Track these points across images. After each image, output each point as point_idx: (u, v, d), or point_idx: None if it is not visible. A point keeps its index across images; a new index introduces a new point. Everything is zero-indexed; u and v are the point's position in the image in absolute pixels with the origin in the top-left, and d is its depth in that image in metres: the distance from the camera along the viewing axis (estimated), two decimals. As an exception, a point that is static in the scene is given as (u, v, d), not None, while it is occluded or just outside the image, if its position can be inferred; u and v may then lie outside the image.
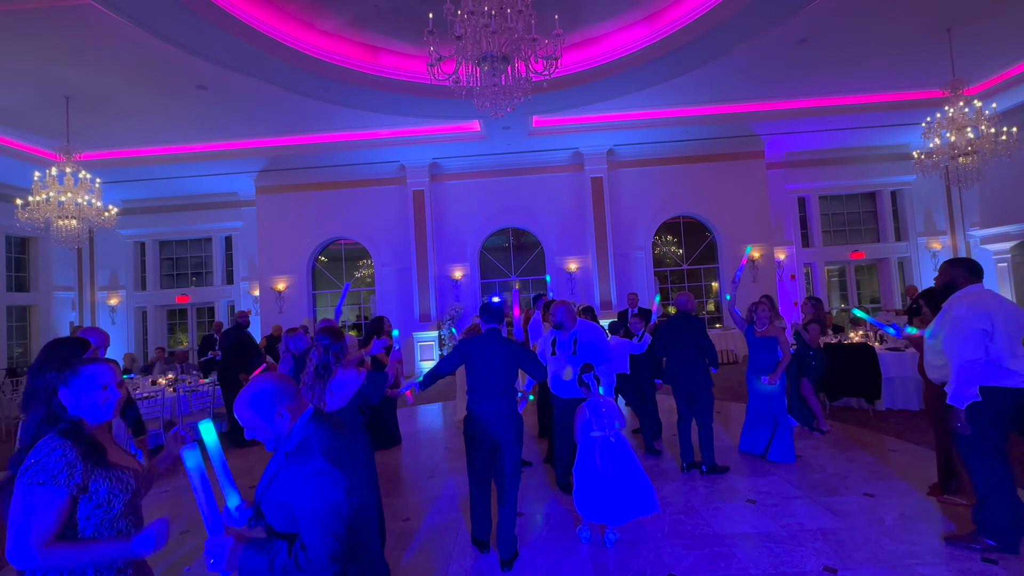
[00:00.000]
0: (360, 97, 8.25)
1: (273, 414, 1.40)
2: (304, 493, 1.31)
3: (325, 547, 1.29)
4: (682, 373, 4.44)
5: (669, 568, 2.85)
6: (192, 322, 13.78)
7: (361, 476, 1.54)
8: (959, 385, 2.76)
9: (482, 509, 3.11)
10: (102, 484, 1.36)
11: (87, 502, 1.35)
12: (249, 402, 1.40)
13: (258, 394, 1.40)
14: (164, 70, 7.28)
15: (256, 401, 1.40)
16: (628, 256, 11.80)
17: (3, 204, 10.68)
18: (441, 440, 5.98)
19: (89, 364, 1.45)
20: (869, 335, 6.88)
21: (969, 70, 8.62)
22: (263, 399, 1.40)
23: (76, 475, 1.31)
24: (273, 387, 1.42)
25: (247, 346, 6.42)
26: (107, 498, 1.37)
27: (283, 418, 1.41)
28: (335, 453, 1.38)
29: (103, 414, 1.44)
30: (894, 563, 2.77)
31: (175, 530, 3.83)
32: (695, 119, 10.20)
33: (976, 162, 7.72)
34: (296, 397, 1.46)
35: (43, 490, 1.27)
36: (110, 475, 1.38)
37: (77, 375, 1.42)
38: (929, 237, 12.65)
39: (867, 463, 4.36)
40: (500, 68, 4.96)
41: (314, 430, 1.44)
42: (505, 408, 3.00)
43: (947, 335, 2.84)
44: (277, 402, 1.41)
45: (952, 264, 3.02)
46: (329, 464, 1.35)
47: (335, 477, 1.33)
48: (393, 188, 12.01)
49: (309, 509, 1.30)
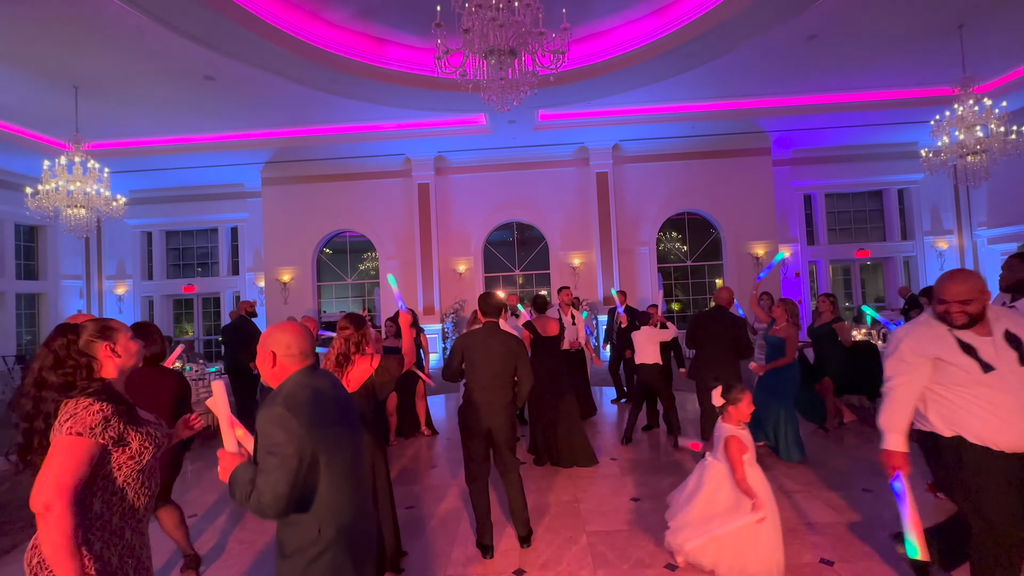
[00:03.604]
0: (366, 89, 8.26)
1: (272, 355, 1.56)
2: (260, 433, 1.42)
3: (268, 488, 1.37)
4: (713, 370, 4.22)
5: (668, 557, 2.89)
6: (198, 312, 13.89)
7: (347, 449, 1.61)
8: None
9: (483, 508, 3.05)
10: (134, 437, 1.46)
11: (121, 453, 1.44)
12: (265, 336, 1.58)
13: (273, 333, 1.58)
14: (171, 60, 7.31)
15: (268, 338, 1.58)
16: (632, 252, 11.81)
17: (13, 193, 10.79)
18: (444, 431, 6.04)
19: (112, 325, 1.59)
20: (872, 333, 6.88)
21: (980, 68, 8.54)
22: (271, 339, 1.57)
23: (109, 429, 1.40)
24: (285, 335, 1.57)
25: (252, 336, 6.49)
26: (138, 451, 1.46)
27: (275, 364, 1.55)
28: (299, 405, 1.45)
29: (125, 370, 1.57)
30: (891, 557, 2.81)
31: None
32: (702, 115, 10.16)
33: (985, 161, 7.68)
34: (303, 356, 1.57)
35: (81, 441, 1.36)
36: (141, 430, 1.48)
37: (107, 336, 1.55)
38: (936, 236, 12.57)
39: (866, 460, 4.39)
40: (507, 62, 4.97)
41: (294, 383, 1.53)
42: (501, 398, 3.08)
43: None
44: (277, 346, 1.55)
45: (1021, 259, 2.82)
46: (285, 410, 1.42)
47: (287, 424, 1.40)
48: (398, 181, 12.04)
49: (260, 448, 1.42)
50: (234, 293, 13.56)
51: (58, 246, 12.47)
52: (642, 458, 4.72)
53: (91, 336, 1.51)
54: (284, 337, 1.57)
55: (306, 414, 1.45)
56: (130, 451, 1.45)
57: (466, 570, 2.88)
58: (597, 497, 3.84)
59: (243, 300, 7.86)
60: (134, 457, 1.45)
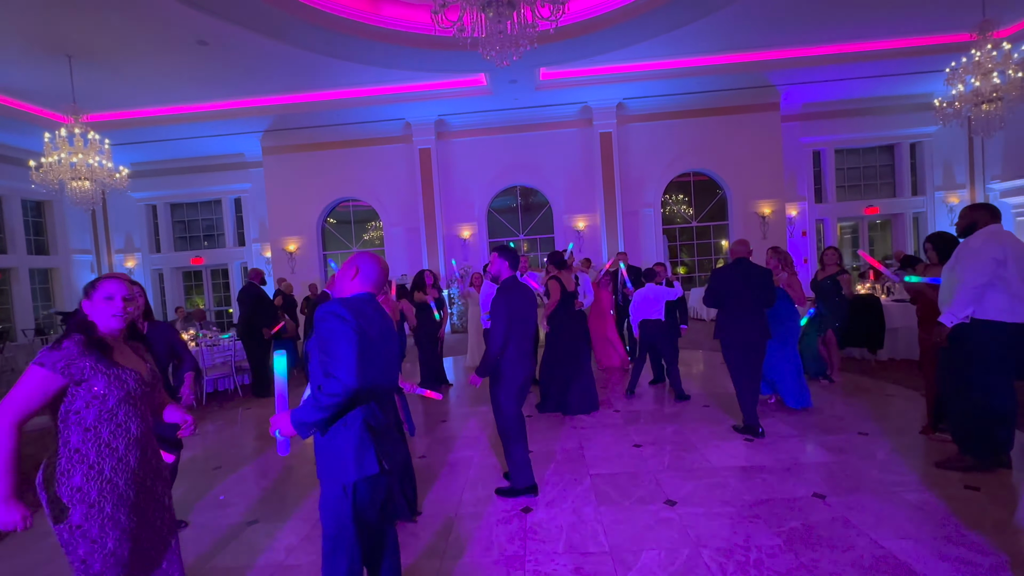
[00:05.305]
0: (363, 50, 8.08)
1: (352, 267, 1.90)
2: (322, 327, 1.69)
3: (338, 367, 1.63)
4: (740, 329, 3.93)
5: (668, 495, 3.05)
6: (207, 283, 14.09)
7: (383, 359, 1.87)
8: (957, 305, 2.94)
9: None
10: (100, 379, 1.58)
11: (86, 392, 1.57)
12: (361, 255, 1.93)
13: (368, 255, 1.93)
14: (162, 24, 7.15)
15: (364, 255, 1.93)
16: (637, 214, 11.72)
17: (16, 168, 10.80)
18: (453, 388, 6.23)
19: (104, 279, 1.73)
20: (876, 287, 6.90)
21: (1000, 10, 8.15)
22: (362, 257, 1.92)
23: (72, 367, 1.55)
24: (375, 263, 1.92)
25: (265, 303, 6.63)
26: (103, 392, 1.59)
27: (351, 277, 1.89)
28: (352, 306, 1.73)
29: (112, 321, 1.69)
30: (881, 491, 2.94)
31: (209, 466, 4.13)
32: (708, 69, 9.85)
33: (1000, 109, 7.44)
34: (372, 282, 1.90)
35: (39, 370, 1.52)
36: (109, 372, 1.60)
37: (94, 288, 1.70)
38: (947, 191, 12.34)
39: (864, 407, 4.51)
40: (505, 14, 4.84)
41: (352, 297, 1.83)
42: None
43: (960, 263, 3.01)
44: (362, 267, 1.89)
45: (973, 208, 3.17)
46: (341, 308, 1.69)
47: (343, 316, 1.67)
48: (400, 147, 11.90)
49: (323, 339, 1.68)
50: (241, 264, 13.70)
51: (66, 221, 12.57)
52: (645, 409, 4.87)
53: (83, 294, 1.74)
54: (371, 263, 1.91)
55: (357, 314, 1.75)
56: (94, 391, 1.58)
57: (477, 510, 3.05)
58: (601, 444, 4.00)
59: (252, 268, 7.96)
60: (98, 397, 1.58)
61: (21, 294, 11.66)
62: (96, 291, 1.69)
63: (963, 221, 3.17)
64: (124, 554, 1.60)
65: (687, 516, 2.78)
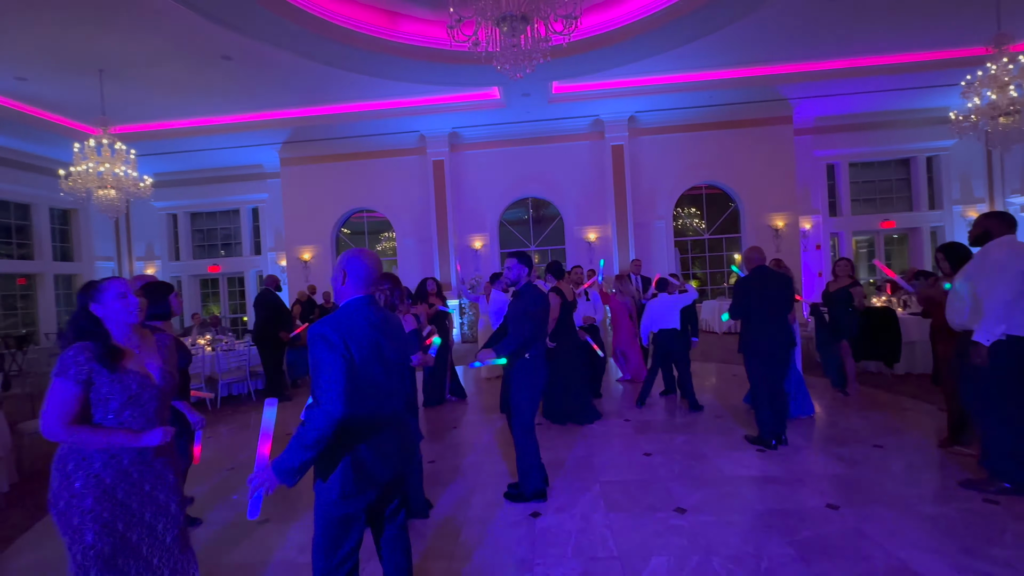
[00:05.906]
0: (379, 64, 8.29)
1: (340, 272, 1.76)
2: (311, 351, 1.63)
3: (323, 395, 1.56)
4: (765, 341, 3.88)
5: (678, 503, 3.02)
6: (224, 291, 14.36)
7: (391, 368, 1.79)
8: (990, 322, 2.84)
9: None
10: (104, 383, 1.65)
11: (95, 394, 1.65)
12: (346, 255, 1.78)
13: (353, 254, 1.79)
14: (189, 40, 7.44)
15: (349, 255, 1.78)
16: (648, 226, 11.73)
17: (46, 178, 11.21)
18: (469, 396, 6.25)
19: (106, 280, 1.77)
20: (893, 300, 6.80)
21: (1016, 24, 8.12)
22: (347, 257, 1.78)
23: (82, 372, 1.62)
24: (362, 260, 1.77)
25: (280, 309, 6.75)
26: (106, 395, 1.65)
27: (340, 282, 1.76)
28: (340, 324, 1.64)
29: (129, 317, 1.74)
30: (897, 503, 2.88)
31: (224, 467, 4.19)
32: (720, 83, 9.91)
33: (1018, 122, 7.36)
34: (364, 282, 1.76)
35: (58, 381, 1.61)
36: (113, 377, 1.66)
37: (102, 291, 1.73)
38: (965, 205, 12.15)
39: (880, 420, 4.43)
40: (519, 28, 4.96)
41: (343, 307, 1.74)
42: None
43: (986, 278, 2.92)
44: (348, 268, 1.75)
45: (987, 216, 3.13)
46: (329, 329, 1.61)
47: (329, 339, 1.59)
48: (413, 159, 12.11)
49: (312, 362, 1.62)
50: (257, 272, 13.96)
51: (90, 229, 12.97)
52: (656, 419, 4.84)
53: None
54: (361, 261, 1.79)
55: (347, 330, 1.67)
56: (99, 394, 1.65)
57: (486, 514, 3.06)
58: (611, 453, 3.99)
59: (268, 275, 8.12)
60: (103, 399, 1.65)
61: (46, 299, 12.00)
62: (105, 292, 1.71)
63: (976, 229, 3.13)
64: (104, 549, 1.61)
65: (697, 524, 2.76)
